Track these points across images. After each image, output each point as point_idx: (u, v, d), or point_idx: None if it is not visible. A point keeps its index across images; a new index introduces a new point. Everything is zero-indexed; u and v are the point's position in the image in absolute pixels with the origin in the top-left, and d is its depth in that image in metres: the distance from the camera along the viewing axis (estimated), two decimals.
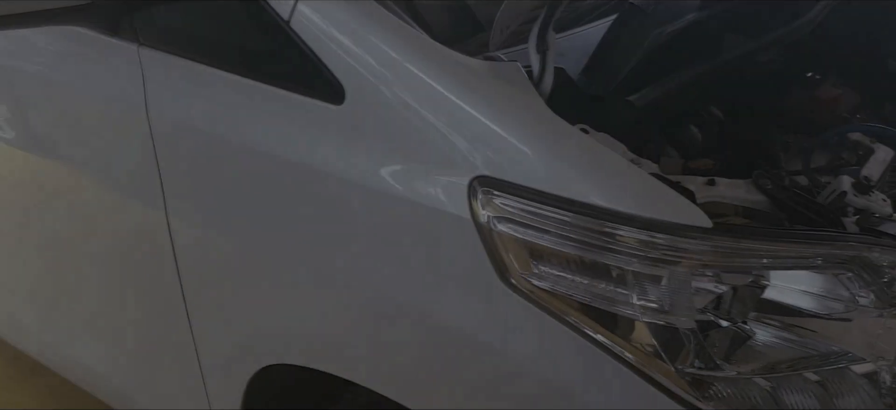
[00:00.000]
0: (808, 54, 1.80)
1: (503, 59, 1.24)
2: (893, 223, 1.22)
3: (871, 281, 1.15)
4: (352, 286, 1.27)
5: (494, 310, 1.17)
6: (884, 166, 1.52)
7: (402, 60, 1.19)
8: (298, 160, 1.27)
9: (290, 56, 1.25)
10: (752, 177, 1.25)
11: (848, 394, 1.13)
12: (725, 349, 1.15)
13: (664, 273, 1.10)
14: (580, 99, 1.34)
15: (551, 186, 1.12)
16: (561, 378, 1.15)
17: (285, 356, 1.41)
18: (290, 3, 1.24)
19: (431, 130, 1.17)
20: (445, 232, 1.19)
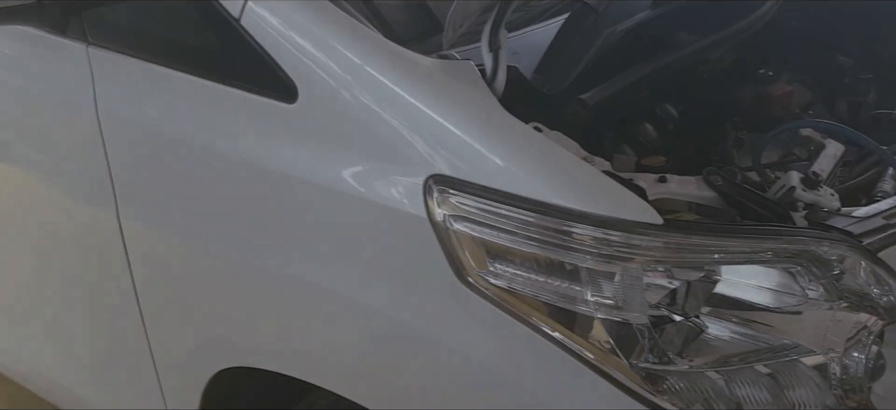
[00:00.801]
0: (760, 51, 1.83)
1: (457, 57, 1.24)
2: (842, 218, 1.24)
3: (820, 275, 1.17)
4: (307, 287, 1.26)
5: (451, 309, 1.16)
6: (834, 161, 1.54)
7: (354, 58, 1.18)
8: (251, 160, 1.26)
9: (241, 55, 1.24)
10: (702, 174, 1.26)
11: (798, 386, 1.15)
12: (679, 343, 1.16)
13: (617, 270, 1.11)
14: (534, 97, 1.35)
15: (505, 184, 1.12)
16: (517, 374, 1.15)
17: (243, 359, 1.39)
18: (240, 1, 1.23)
19: (385, 128, 1.17)
20: (401, 232, 1.18)
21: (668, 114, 1.63)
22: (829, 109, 1.91)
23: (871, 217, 1.24)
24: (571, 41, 1.47)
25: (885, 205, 1.28)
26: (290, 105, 1.22)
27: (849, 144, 1.55)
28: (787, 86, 1.76)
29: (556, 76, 1.42)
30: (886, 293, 1.20)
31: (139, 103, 1.37)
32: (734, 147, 1.60)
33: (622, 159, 1.45)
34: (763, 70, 1.92)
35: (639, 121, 1.59)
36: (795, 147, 1.60)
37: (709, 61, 1.62)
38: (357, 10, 1.31)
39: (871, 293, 1.19)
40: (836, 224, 1.22)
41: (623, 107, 1.49)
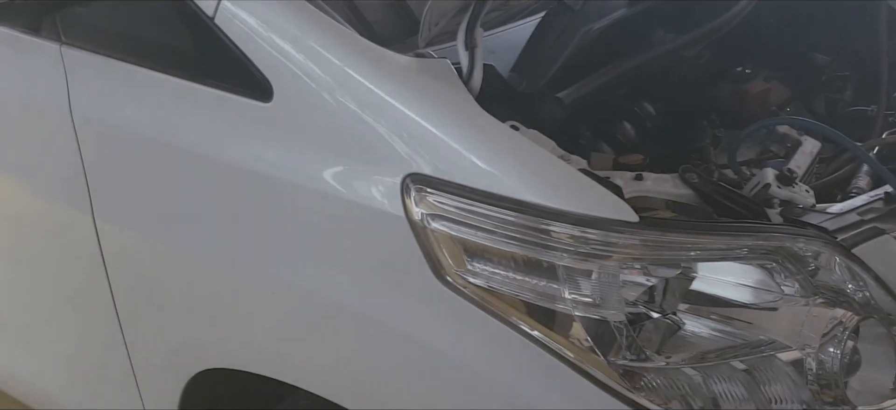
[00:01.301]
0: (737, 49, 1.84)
1: (434, 56, 1.24)
2: (816, 214, 1.25)
3: (795, 271, 1.18)
4: (285, 288, 1.26)
5: (430, 308, 1.17)
6: (810, 158, 1.56)
7: (329, 56, 1.18)
8: (227, 160, 1.26)
9: (215, 54, 1.24)
10: (678, 171, 1.27)
11: (774, 382, 1.16)
12: (656, 340, 1.17)
13: (594, 268, 1.12)
14: (510, 96, 1.35)
15: (482, 182, 1.12)
16: (496, 373, 1.15)
17: (221, 361, 1.39)
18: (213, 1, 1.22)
19: (361, 127, 1.17)
20: (379, 231, 1.18)
21: (646, 112, 1.64)
22: (807, 106, 1.93)
23: (845, 213, 1.25)
24: (548, 40, 1.47)
25: (860, 201, 1.29)
26: (265, 104, 1.21)
27: (824, 142, 1.56)
28: (764, 83, 1.78)
29: (532, 75, 1.42)
30: (861, 289, 1.21)
31: (114, 103, 1.37)
32: (711, 145, 1.61)
33: (599, 158, 1.45)
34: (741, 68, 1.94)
35: (617, 119, 1.59)
36: (772, 144, 1.62)
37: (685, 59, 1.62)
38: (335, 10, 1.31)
39: (846, 289, 1.20)
40: (810, 221, 1.23)
41: (600, 105, 1.50)
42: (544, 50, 1.46)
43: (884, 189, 1.32)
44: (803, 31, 1.97)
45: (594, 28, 1.50)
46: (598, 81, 1.43)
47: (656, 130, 1.62)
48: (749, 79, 1.85)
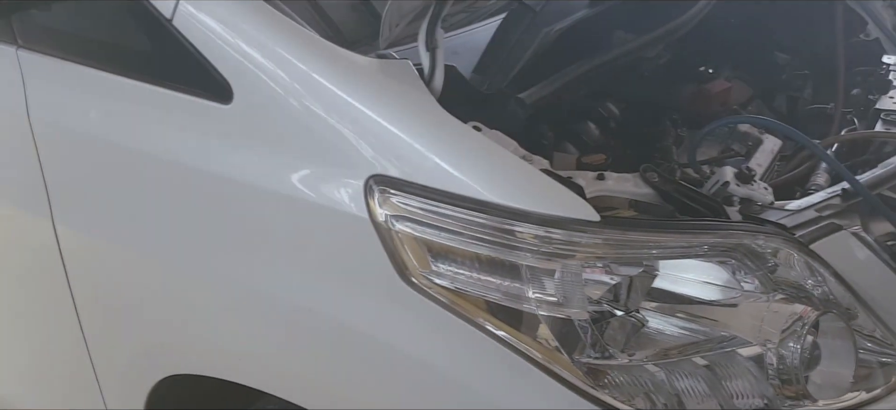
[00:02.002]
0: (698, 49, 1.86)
1: (395, 56, 1.23)
2: (775, 211, 1.27)
3: (754, 268, 1.19)
4: (250, 292, 1.25)
5: (396, 310, 1.16)
6: (771, 155, 1.58)
7: (289, 57, 1.18)
8: (187, 162, 1.25)
9: (174, 55, 1.23)
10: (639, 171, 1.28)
11: (736, 377, 1.17)
12: (619, 338, 1.18)
13: (557, 267, 1.12)
14: (473, 96, 1.35)
15: (445, 183, 1.12)
16: (462, 374, 1.15)
17: (186, 366, 1.37)
18: (171, 1, 1.21)
19: (323, 128, 1.16)
20: (343, 233, 1.18)
21: (610, 112, 1.65)
22: (768, 104, 1.95)
23: (803, 210, 1.26)
24: (509, 40, 1.48)
25: (818, 198, 1.31)
26: (225, 106, 1.20)
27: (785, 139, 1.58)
28: (725, 83, 1.80)
29: (494, 75, 1.42)
30: (820, 284, 1.23)
31: (72, 107, 1.35)
32: (674, 144, 1.62)
33: (563, 158, 1.46)
34: (704, 67, 1.96)
35: (581, 119, 1.60)
36: (734, 143, 1.64)
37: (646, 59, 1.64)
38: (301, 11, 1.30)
39: (806, 285, 1.22)
40: (769, 218, 1.24)
41: (562, 105, 1.51)
42: (506, 51, 1.46)
43: (841, 186, 1.33)
44: (764, 31, 2.00)
45: (555, 29, 1.50)
46: (560, 82, 1.43)
47: (620, 131, 1.63)
48: (711, 78, 1.88)
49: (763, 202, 1.27)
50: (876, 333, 1.27)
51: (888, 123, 1.60)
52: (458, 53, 1.47)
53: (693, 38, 1.73)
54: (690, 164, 1.40)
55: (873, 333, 1.27)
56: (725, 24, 1.92)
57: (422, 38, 1.18)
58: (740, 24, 1.96)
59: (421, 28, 1.17)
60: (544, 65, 1.46)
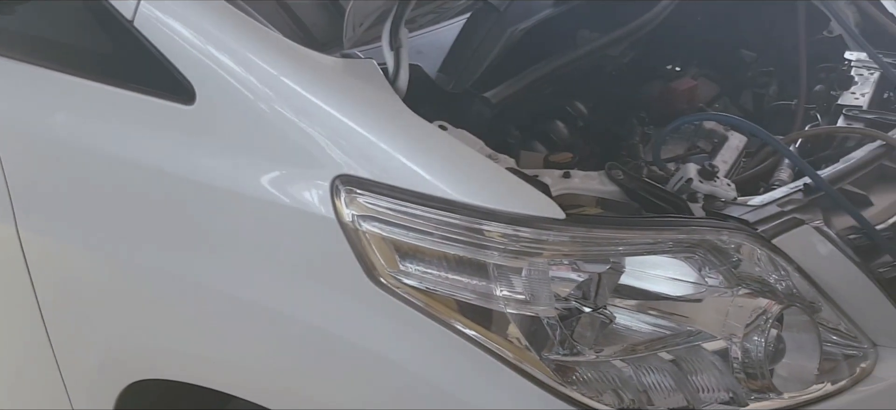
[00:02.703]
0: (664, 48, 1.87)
1: (360, 56, 1.23)
2: (738, 207, 1.28)
3: (718, 263, 1.20)
4: (218, 295, 1.25)
5: (365, 311, 1.16)
6: (737, 152, 1.59)
7: (253, 58, 1.17)
8: (150, 164, 1.24)
9: (135, 56, 1.22)
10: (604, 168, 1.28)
11: (701, 371, 1.18)
12: (587, 334, 1.18)
13: (524, 265, 1.12)
14: (438, 96, 1.36)
15: (411, 182, 1.13)
16: (431, 372, 1.16)
17: (154, 372, 1.36)
18: (132, 2, 1.21)
19: (288, 128, 1.16)
20: (311, 234, 1.18)
21: (578, 111, 1.66)
22: (734, 101, 1.97)
23: (765, 205, 1.27)
24: (474, 40, 1.48)
25: (780, 193, 1.32)
26: (188, 107, 1.20)
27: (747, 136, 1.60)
28: (691, 81, 1.81)
29: (460, 75, 1.43)
30: (784, 278, 1.24)
31: (33, 110, 1.34)
32: (641, 142, 1.63)
33: (530, 156, 1.47)
34: (671, 66, 1.98)
35: (549, 118, 1.61)
36: (699, 140, 1.65)
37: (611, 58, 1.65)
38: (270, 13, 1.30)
39: (769, 279, 1.23)
40: (732, 213, 1.25)
41: (527, 104, 1.51)
42: (471, 50, 1.47)
43: (803, 181, 1.35)
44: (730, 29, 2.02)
45: (520, 28, 1.51)
46: (525, 81, 1.44)
47: (588, 129, 1.64)
48: (678, 76, 1.89)
49: (726, 198, 1.28)
50: (840, 326, 1.29)
51: (850, 118, 1.62)
52: (424, 53, 1.47)
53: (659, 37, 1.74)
54: (655, 161, 1.41)
55: (838, 326, 1.29)
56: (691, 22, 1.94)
57: (386, 38, 1.18)
58: (706, 22, 1.98)
59: (384, 28, 1.17)
60: (510, 64, 1.47)
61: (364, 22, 1.19)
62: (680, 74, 1.92)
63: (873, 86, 1.72)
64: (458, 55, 1.46)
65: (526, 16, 1.54)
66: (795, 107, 1.74)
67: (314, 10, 1.66)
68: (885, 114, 1.64)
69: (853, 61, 1.83)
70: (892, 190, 1.44)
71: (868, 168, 1.44)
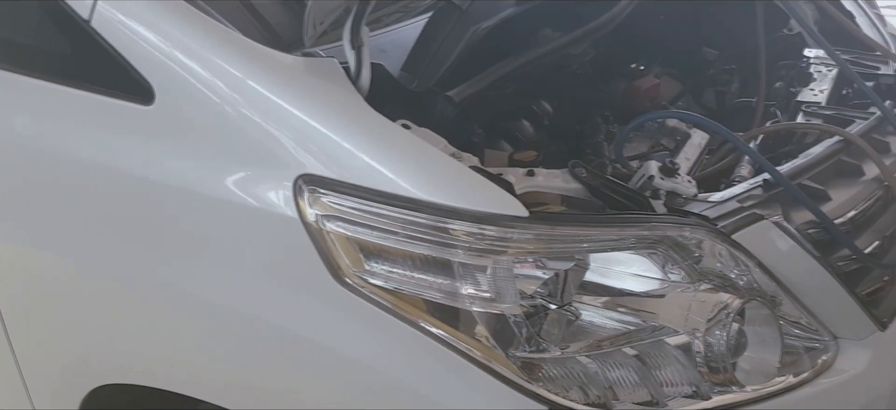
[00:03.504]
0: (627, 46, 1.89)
1: (322, 55, 1.23)
2: (699, 203, 1.29)
3: (680, 259, 1.22)
4: (182, 298, 1.23)
5: (331, 311, 1.16)
6: (699, 149, 1.61)
7: (212, 56, 1.16)
8: (110, 166, 1.22)
9: (93, 57, 1.20)
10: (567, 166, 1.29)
11: (665, 366, 1.20)
12: (553, 331, 1.19)
13: (489, 263, 1.13)
14: (401, 95, 1.36)
15: (375, 181, 1.12)
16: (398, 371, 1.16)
17: (119, 376, 1.34)
18: (89, 2, 1.19)
19: (249, 127, 1.15)
20: (275, 234, 1.17)
21: (544, 110, 1.67)
22: (697, 99, 1.99)
23: (725, 201, 1.29)
24: (437, 39, 1.48)
25: (739, 189, 1.34)
26: (147, 107, 1.19)
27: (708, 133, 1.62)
28: (654, 79, 1.83)
29: (423, 73, 1.43)
30: (745, 273, 1.26)
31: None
32: (606, 140, 1.65)
33: (495, 155, 1.47)
34: (635, 64, 1.99)
35: (515, 117, 1.62)
36: (663, 138, 1.67)
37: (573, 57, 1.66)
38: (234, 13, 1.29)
39: (730, 274, 1.25)
40: (693, 210, 1.26)
41: (491, 103, 1.52)
42: (434, 49, 1.47)
43: (763, 177, 1.37)
44: (692, 27, 2.04)
45: (483, 27, 1.51)
46: (488, 79, 1.44)
47: (553, 128, 1.65)
48: (641, 75, 1.91)
49: (687, 195, 1.30)
50: (801, 320, 1.31)
51: (809, 114, 1.64)
52: (386, 51, 1.47)
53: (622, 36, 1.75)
54: (617, 159, 1.42)
55: (799, 320, 1.31)
56: (654, 21, 1.95)
57: (346, 37, 1.18)
58: (669, 20, 2.00)
59: (345, 26, 1.16)
60: (473, 63, 1.47)
61: (325, 20, 1.18)
62: (643, 72, 1.94)
63: (831, 82, 1.75)
64: (421, 54, 1.46)
65: (488, 15, 1.54)
66: (756, 104, 1.77)
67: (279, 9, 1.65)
68: (843, 110, 1.67)
69: (812, 58, 1.86)
70: (850, 185, 1.47)
71: (826, 163, 1.47)
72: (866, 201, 1.47)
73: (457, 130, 1.34)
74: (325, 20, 1.17)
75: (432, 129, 1.23)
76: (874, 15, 2.04)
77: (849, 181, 1.48)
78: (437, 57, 1.45)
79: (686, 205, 1.28)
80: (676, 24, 2.01)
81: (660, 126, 1.66)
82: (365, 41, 1.17)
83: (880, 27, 2.00)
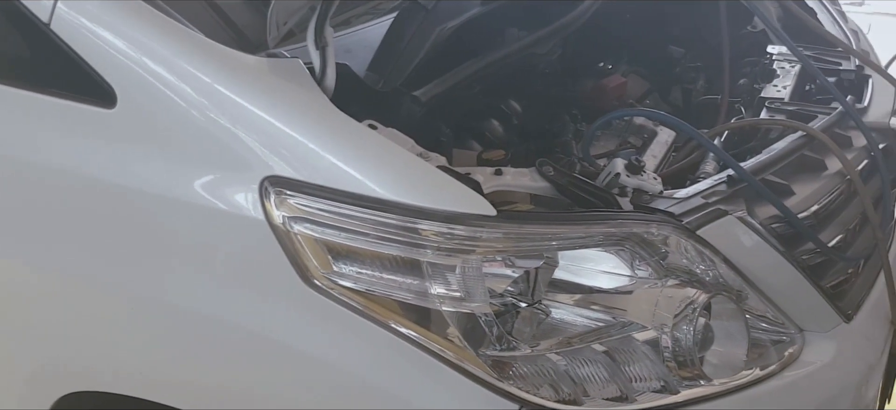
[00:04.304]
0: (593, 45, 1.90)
1: (286, 56, 1.22)
2: (664, 200, 1.30)
3: (647, 255, 1.22)
4: (151, 304, 1.22)
5: (299, 313, 1.15)
6: (666, 146, 1.63)
7: (174, 59, 1.15)
8: (72, 169, 1.21)
9: (53, 60, 1.19)
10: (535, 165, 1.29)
11: (634, 362, 1.20)
12: (523, 329, 1.19)
13: (458, 262, 1.13)
14: (367, 95, 1.35)
15: (342, 182, 1.12)
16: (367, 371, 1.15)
17: (87, 383, 1.32)
18: (48, 4, 1.17)
19: (214, 129, 1.14)
20: (242, 237, 1.16)
21: (513, 109, 1.67)
22: (664, 97, 2.01)
23: (690, 198, 1.30)
24: (403, 39, 1.48)
25: (704, 185, 1.35)
26: (109, 110, 1.17)
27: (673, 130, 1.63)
28: (620, 78, 1.84)
29: (389, 74, 1.42)
30: (710, 268, 1.27)
31: None
32: (574, 139, 1.66)
33: (464, 154, 1.47)
34: (602, 63, 2.01)
35: (485, 117, 1.62)
36: (630, 136, 1.68)
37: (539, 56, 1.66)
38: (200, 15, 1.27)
39: (696, 269, 1.26)
40: (659, 206, 1.27)
41: (458, 102, 1.52)
42: (400, 49, 1.46)
43: (727, 173, 1.38)
44: (658, 26, 2.06)
45: (449, 27, 1.51)
46: (455, 79, 1.44)
47: (522, 127, 1.65)
48: (608, 74, 1.92)
49: (653, 192, 1.31)
50: (768, 313, 1.33)
51: (772, 110, 1.67)
52: (352, 52, 1.47)
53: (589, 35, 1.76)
54: (584, 157, 1.43)
55: (765, 314, 1.33)
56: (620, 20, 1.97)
57: (310, 37, 1.17)
58: (635, 19, 2.02)
59: (309, 26, 1.16)
60: (439, 63, 1.47)
61: (288, 20, 1.17)
62: (611, 71, 1.96)
63: (794, 79, 1.77)
64: (387, 54, 1.45)
65: (454, 14, 1.54)
66: (720, 101, 1.79)
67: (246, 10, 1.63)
68: (806, 105, 1.69)
69: (775, 55, 1.88)
70: (813, 179, 1.49)
71: (790, 159, 1.48)
72: (829, 195, 1.49)
73: (424, 130, 1.34)
74: (289, 20, 1.16)
75: (399, 129, 1.22)
76: (835, 11, 2.08)
77: (812, 176, 1.50)
78: (403, 57, 1.45)
79: (652, 202, 1.29)
80: (643, 23, 2.03)
81: (628, 124, 1.68)
82: (329, 42, 1.17)
83: (841, 23, 2.03)
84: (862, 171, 1.56)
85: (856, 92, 1.78)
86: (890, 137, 1.69)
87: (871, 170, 1.60)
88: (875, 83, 1.80)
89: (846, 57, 1.87)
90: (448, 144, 1.47)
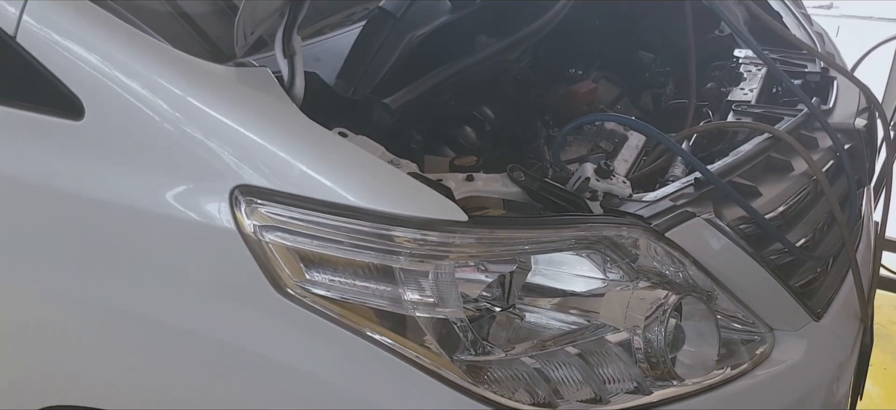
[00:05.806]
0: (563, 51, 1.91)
1: (254, 64, 1.22)
2: (633, 203, 1.31)
3: (618, 258, 1.23)
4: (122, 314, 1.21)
5: (273, 322, 1.15)
6: (636, 150, 1.64)
7: (142, 69, 1.15)
8: (41, 182, 1.20)
9: (19, 73, 1.18)
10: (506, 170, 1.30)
11: (607, 363, 1.21)
12: (498, 334, 1.20)
13: (430, 268, 1.13)
14: (337, 103, 1.35)
15: (312, 190, 1.12)
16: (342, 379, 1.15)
17: (61, 397, 1.31)
18: (13, 17, 1.17)
19: (183, 139, 1.14)
20: (213, 247, 1.16)
21: (486, 115, 1.68)
22: (635, 102, 2.03)
23: (659, 200, 1.31)
24: (372, 46, 1.48)
25: (672, 188, 1.36)
26: (77, 122, 1.16)
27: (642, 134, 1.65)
28: (591, 83, 1.86)
29: (359, 81, 1.42)
30: (680, 270, 1.28)
31: None
32: (546, 144, 1.66)
33: (436, 161, 1.48)
34: (573, 69, 2.02)
35: (457, 123, 1.62)
36: (601, 141, 1.69)
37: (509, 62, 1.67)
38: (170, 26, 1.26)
39: (667, 271, 1.27)
40: (628, 210, 1.29)
41: (428, 110, 1.52)
42: (369, 57, 1.46)
43: (694, 175, 1.40)
44: (628, 32, 2.08)
45: (418, 34, 1.52)
46: (425, 86, 1.45)
47: (495, 133, 1.66)
48: (579, 79, 1.94)
49: (622, 196, 1.32)
50: (738, 313, 1.34)
51: (739, 113, 1.69)
52: (321, 60, 1.47)
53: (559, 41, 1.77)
54: (555, 162, 1.44)
55: (736, 314, 1.34)
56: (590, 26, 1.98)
57: (278, 46, 1.17)
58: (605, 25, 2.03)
59: (277, 35, 1.16)
60: (409, 70, 1.47)
61: (255, 29, 1.17)
62: (581, 77, 1.97)
63: (761, 81, 1.80)
64: (357, 62, 1.45)
65: (423, 22, 1.55)
66: (688, 104, 1.80)
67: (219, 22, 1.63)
68: (773, 108, 1.72)
69: (742, 59, 1.91)
70: (780, 180, 1.51)
71: (757, 160, 1.50)
72: (796, 196, 1.51)
73: (395, 138, 1.35)
74: (257, 29, 1.16)
75: (370, 136, 1.23)
76: (800, 15, 2.11)
77: (779, 177, 1.52)
78: (372, 65, 1.45)
79: (621, 205, 1.30)
80: (612, 29, 2.04)
81: (599, 129, 1.69)
82: (298, 50, 1.17)
83: (806, 27, 2.07)
84: (828, 171, 1.58)
85: (821, 94, 1.80)
86: (855, 137, 1.71)
87: (837, 170, 1.63)
88: (840, 85, 1.83)
89: (812, 59, 1.90)
90: (420, 151, 1.47)
